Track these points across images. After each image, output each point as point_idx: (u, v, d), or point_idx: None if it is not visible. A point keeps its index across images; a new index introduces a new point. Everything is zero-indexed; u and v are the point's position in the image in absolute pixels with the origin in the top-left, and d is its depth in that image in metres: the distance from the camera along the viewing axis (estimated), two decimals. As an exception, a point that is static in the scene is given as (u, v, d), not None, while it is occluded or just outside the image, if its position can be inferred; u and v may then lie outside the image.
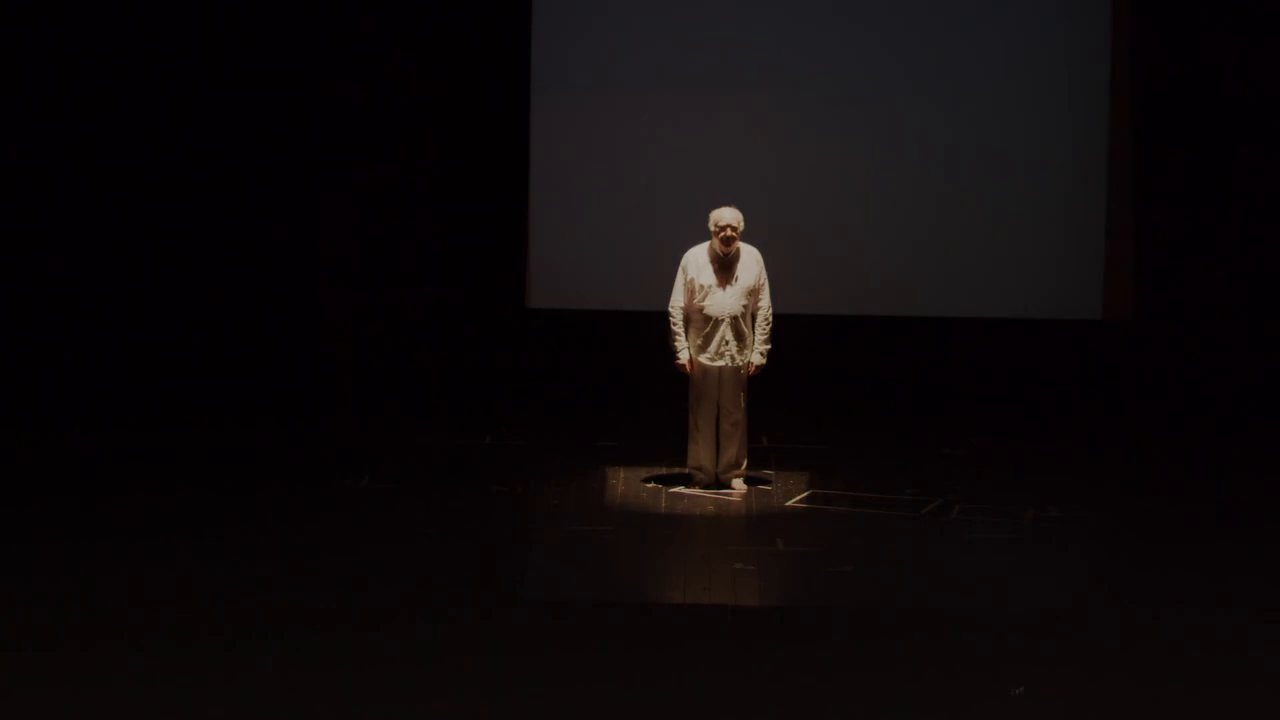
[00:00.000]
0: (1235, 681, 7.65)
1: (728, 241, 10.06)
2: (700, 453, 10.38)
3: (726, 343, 10.19)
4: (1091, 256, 12.09)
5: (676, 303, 10.24)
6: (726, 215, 10.09)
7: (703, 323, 10.19)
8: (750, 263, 10.17)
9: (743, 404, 10.31)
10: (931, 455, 11.24)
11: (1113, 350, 12.20)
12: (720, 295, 10.14)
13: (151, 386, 11.26)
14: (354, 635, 7.95)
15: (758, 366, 10.26)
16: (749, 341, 10.22)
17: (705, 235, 10.20)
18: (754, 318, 10.23)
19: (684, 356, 10.25)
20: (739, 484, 10.38)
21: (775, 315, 10.33)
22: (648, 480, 10.59)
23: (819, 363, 12.08)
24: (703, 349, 10.22)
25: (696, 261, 10.17)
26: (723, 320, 10.16)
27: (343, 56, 11.73)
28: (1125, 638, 8.11)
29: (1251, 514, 9.98)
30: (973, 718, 7.48)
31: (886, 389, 12.18)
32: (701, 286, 10.14)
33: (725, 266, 10.13)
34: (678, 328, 10.24)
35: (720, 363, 10.22)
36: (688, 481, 10.43)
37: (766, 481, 10.58)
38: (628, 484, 10.52)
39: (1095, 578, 9.26)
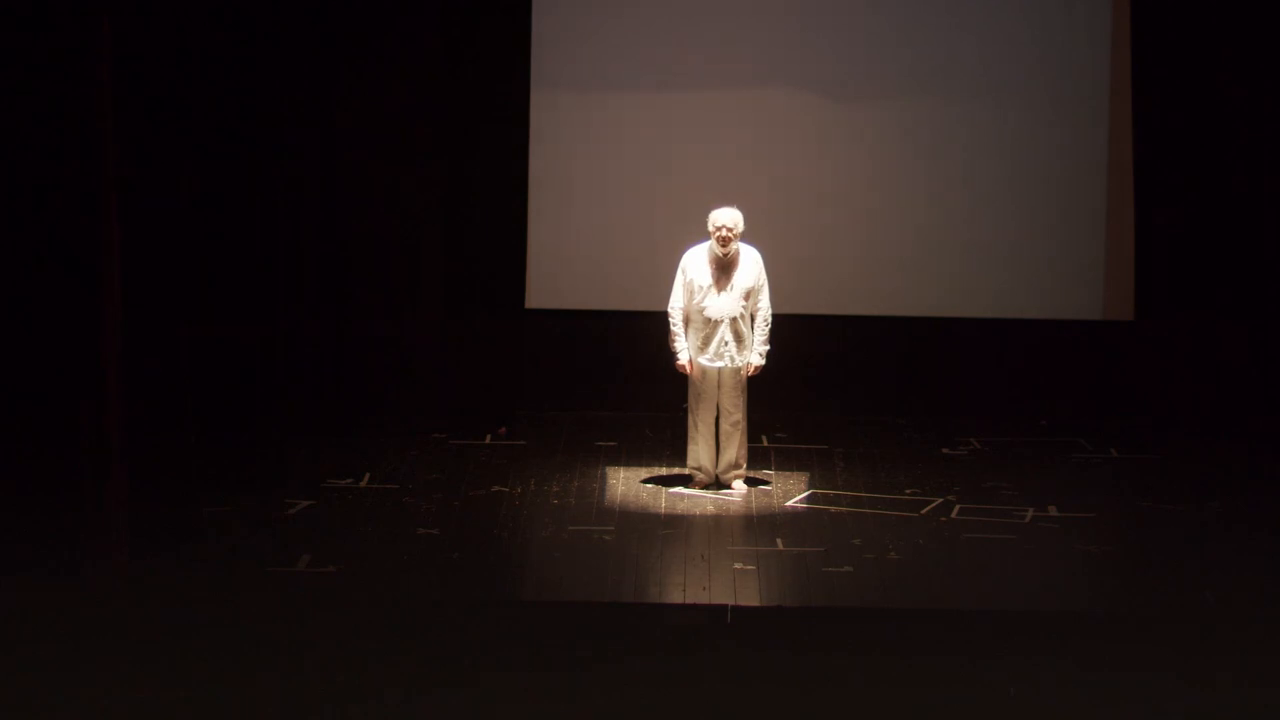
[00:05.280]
0: (1235, 681, 7.65)
1: (726, 242, 10.06)
2: (700, 453, 10.38)
3: (725, 344, 10.20)
4: (1091, 256, 12.06)
5: (675, 304, 10.24)
6: (724, 216, 10.09)
7: (702, 324, 10.19)
8: (749, 264, 10.16)
9: (742, 404, 10.31)
10: (931, 455, 11.24)
11: (1113, 350, 12.17)
12: (719, 296, 10.14)
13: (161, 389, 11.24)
14: (354, 635, 7.96)
15: (757, 367, 10.26)
16: (748, 342, 10.22)
17: (705, 235, 10.20)
18: (753, 319, 10.23)
19: (684, 358, 10.25)
20: (739, 484, 10.38)
21: (775, 315, 10.33)
22: (648, 480, 10.59)
23: (819, 363, 12.06)
24: (702, 350, 10.22)
25: (695, 262, 10.17)
26: (721, 321, 10.16)
27: (341, 55, 11.70)
28: (1125, 638, 8.11)
29: (1251, 513, 9.98)
30: (973, 717, 7.49)
31: (886, 389, 12.17)
32: (700, 288, 10.14)
33: (724, 268, 10.13)
34: (677, 329, 10.25)
35: (719, 364, 10.22)
36: (688, 482, 10.43)
37: (766, 481, 10.58)
38: (628, 484, 10.52)
39: (1095, 578, 9.26)
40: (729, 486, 10.36)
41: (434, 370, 12.07)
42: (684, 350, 10.24)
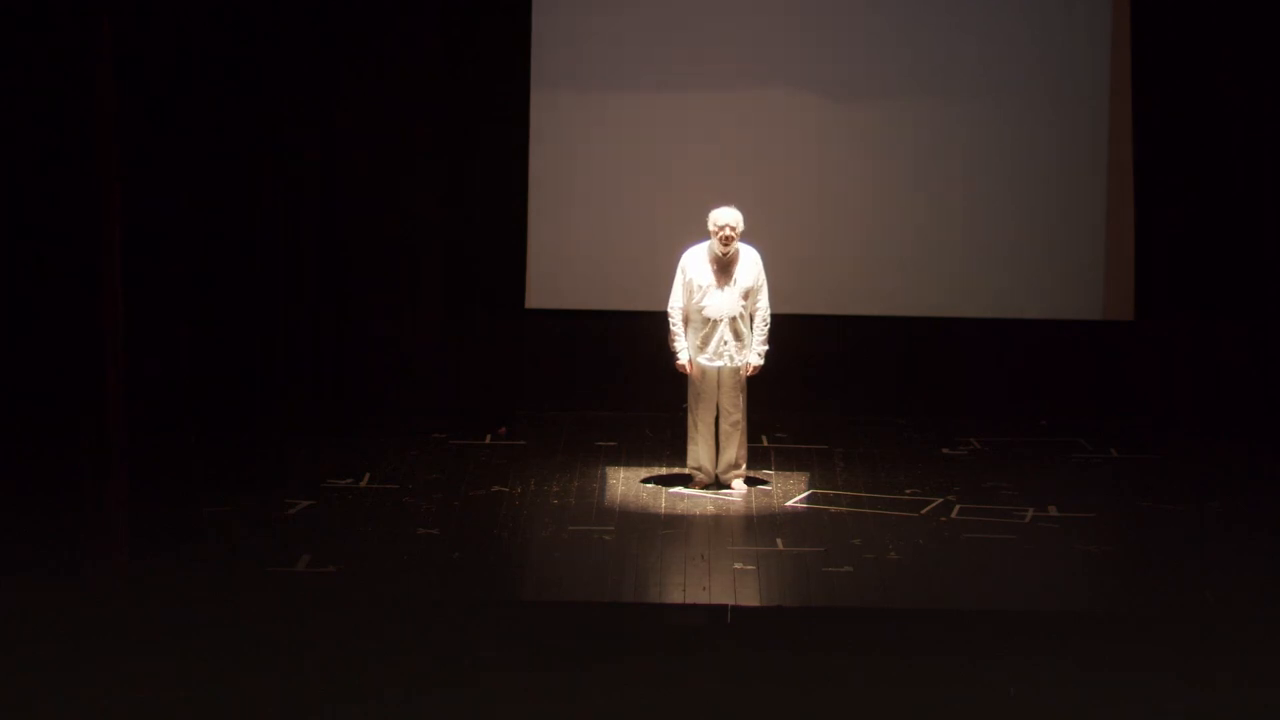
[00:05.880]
0: (1235, 681, 7.66)
1: (726, 242, 10.07)
2: (700, 453, 10.38)
3: (725, 343, 10.20)
4: (1092, 256, 12.07)
5: (675, 303, 10.24)
6: (725, 215, 10.09)
7: (701, 323, 10.19)
8: (749, 263, 10.17)
9: (742, 404, 10.31)
10: (931, 455, 11.24)
11: (1113, 350, 12.17)
12: (718, 296, 10.14)
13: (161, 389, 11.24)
14: (354, 635, 7.96)
15: (756, 367, 10.26)
16: (747, 342, 10.23)
17: (705, 235, 10.20)
18: (752, 318, 10.24)
19: (684, 357, 10.26)
20: (739, 484, 10.38)
21: (775, 315, 10.33)
22: (648, 480, 10.59)
23: (819, 363, 12.06)
24: (701, 349, 10.23)
25: (695, 262, 10.18)
26: (721, 321, 10.16)
27: (341, 55, 11.71)
28: (1125, 638, 8.11)
29: (1251, 513, 9.98)
30: (973, 717, 7.49)
31: (886, 389, 12.17)
32: (700, 287, 10.14)
33: (724, 267, 10.13)
34: (677, 328, 10.25)
35: (719, 363, 10.22)
36: (688, 482, 10.43)
37: (766, 481, 10.58)
38: (628, 484, 10.52)
39: (1095, 578, 9.26)
40: (729, 486, 10.36)
41: (434, 370, 12.07)
42: (684, 350, 10.25)
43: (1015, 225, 12.09)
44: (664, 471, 10.73)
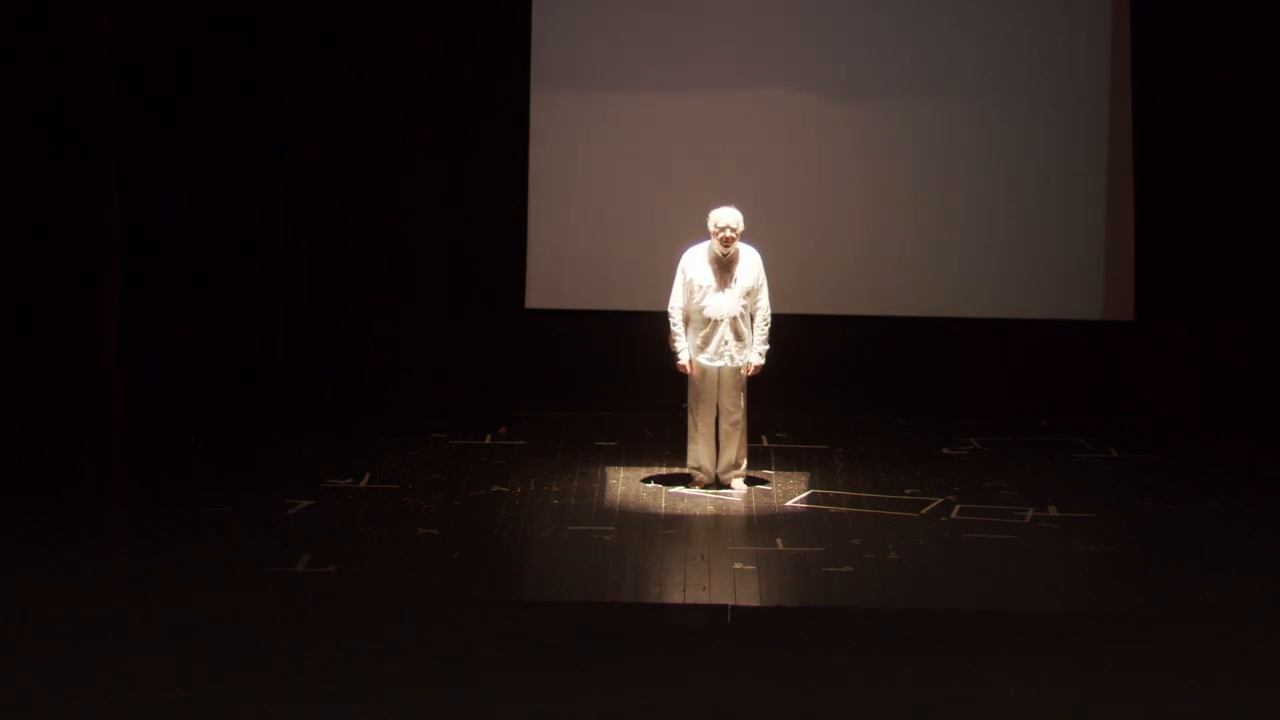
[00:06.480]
0: (1235, 681, 7.66)
1: (727, 242, 10.07)
2: (700, 453, 10.38)
3: (725, 343, 10.20)
4: (1092, 256, 12.07)
5: (676, 303, 10.24)
6: (726, 216, 10.09)
7: (701, 323, 10.19)
8: (749, 263, 10.17)
9: (742, 404, 10.31)
10: (931, 455, 11.24)
11: (1113, 350, 12.17)
12: (719, 296, 10.14)
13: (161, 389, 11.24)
14: (353, 635, 7.96)
15: (757, 367, 10.26)
16: (748, 342, 10.23)
17: (705, 235, 10.20)
18: (753, 318, 10.24)
19: (684, 357, 10.26)
20: (739, 484, 10.38)
21: (775, 315, 10.33)
22: (648, 480, 10.59)
23: (819, 363, 12.06)
24: (702, 349, 10.23)
25: (695, 262, 10.18)
26: (721, 321, 10.17)
27: (341, 55, 11.70)
28: (1125, 638, 8.12)
29: (1251, 513, 9.98)
30: (973, 717, 7.49)
31: (886, 389, 12.17)
32: (700, 287, 10.14)
33: (724, 267, 10.13)
34: (677, 328, 10.25)
35: (719, 363, 10.23)
36: (688, 481, 10.43)
37: (766, 481, 10.58)
38: (628, 484, 10.52)
39: (1095, 578, 9.26)
40: (729, 486, 10.36)
41: (434, 370, 12.07)
42: (684, 350, 10.25)
43: (1015, 225, 12.09)
44: (664, 471, 10.73)
